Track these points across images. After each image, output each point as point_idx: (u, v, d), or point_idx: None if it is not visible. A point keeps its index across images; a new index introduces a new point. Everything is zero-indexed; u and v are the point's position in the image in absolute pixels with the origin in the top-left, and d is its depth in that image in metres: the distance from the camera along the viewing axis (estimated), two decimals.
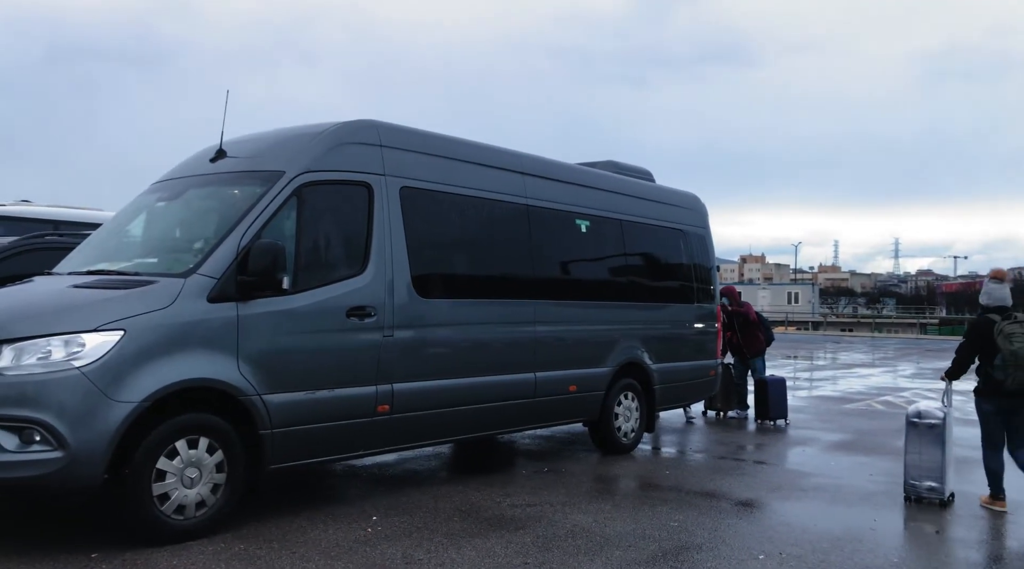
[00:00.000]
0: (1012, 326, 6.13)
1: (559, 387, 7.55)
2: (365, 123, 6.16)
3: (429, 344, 6.27)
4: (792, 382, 16.03)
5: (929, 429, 6.57)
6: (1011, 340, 6.07)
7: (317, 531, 5.16)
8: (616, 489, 6.91)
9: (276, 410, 5.18)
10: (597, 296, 8.21)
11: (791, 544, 5.27)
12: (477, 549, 4.91)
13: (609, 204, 8.50)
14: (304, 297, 5.42)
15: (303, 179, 5.57)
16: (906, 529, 5.94)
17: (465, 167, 6.88)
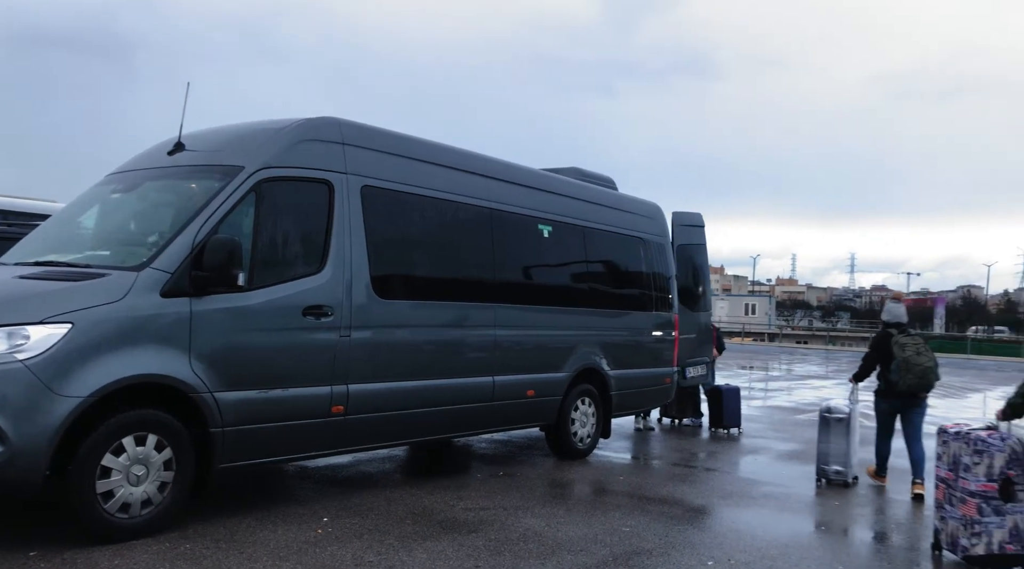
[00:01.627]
0: (905, 338, 7.49)
1: (517, 391, 7.56)
2: (328, 120, 6.11)
3: (387, 345, 6.23)
4: (747, 392, 16.25)
5: (837, 422, 7.78)
6: (903, 349, 7.38)
7: (266, 531, 5.09)
8: (570, 494, 6.93)
9: (228, 408, 5.10)
10: (557, 301, 8.24)
11: (740, 550, 5.34)
12: (428, 552, 4.88)
13: (572, 210, 8.55)
14: (260, 294, 5.35)
15: (262, 175, 5.51)
16: (853, 538, 6.05)
17: (429, 168, 6.86)
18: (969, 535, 5.22)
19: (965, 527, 5.25)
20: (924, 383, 7.35)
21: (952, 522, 5.39)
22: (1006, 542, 5.14)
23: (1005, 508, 5.16)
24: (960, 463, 5.35)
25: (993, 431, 5.36)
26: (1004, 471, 5.16)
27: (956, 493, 5.37)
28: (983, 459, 5.20)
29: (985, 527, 5.17)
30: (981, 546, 5.17)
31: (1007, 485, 5.14)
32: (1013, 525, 5.15)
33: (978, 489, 5.20)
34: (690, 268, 11.36)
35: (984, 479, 5.19)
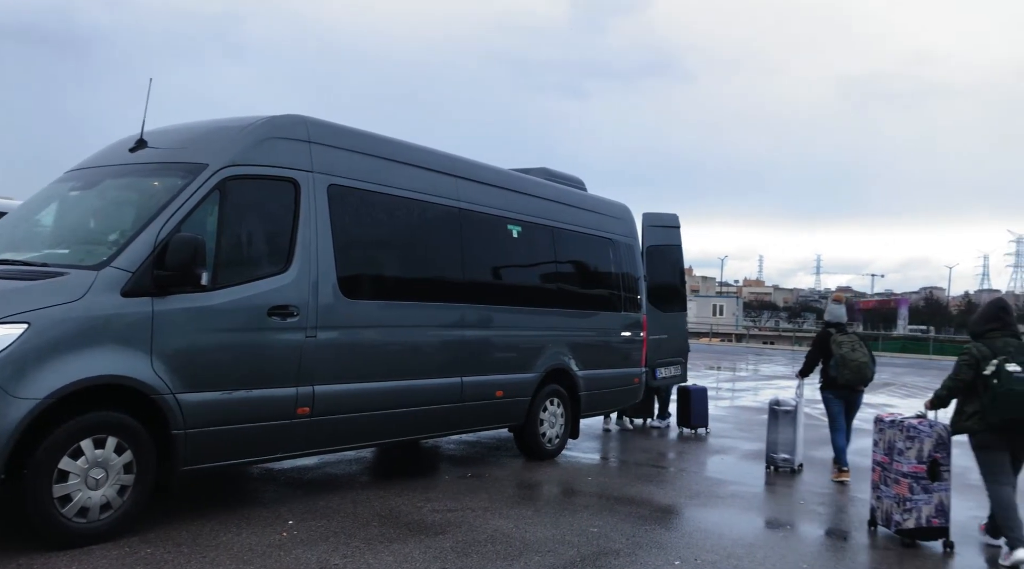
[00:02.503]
0: (842, 337, 8.11)
1: (486, 392, 7.53)
2: (294, 118, 6.04)
3: (353, 346, 6.17)
4: (714, 392, 16.40)
5: (785, 414, 8.47)
6: (841, 346, 7.99)
7: (230, 535, 5.01)
8: (538, 495, 6.92)
9: (190, 410, 5.01)
10: (526, 302, 8.23)
11: (706, 550, 5.37)
12: (395, 554, 4.84)
13: (541, 211, 8.54)
14: (224, 294, 5.26)
15: (227, 173, 5.42)
16: (816, 536, 6.11)
17: (396, 167, 6.81)
18: (901, 511, 5.80)
19: (898, 504, 5.82)
20: (860, 377, 7.95)
21: (887, 501, 5.97)
22: (932, 516, 5.76)
23: (932, 486, 5.75)
24: (894, 448, 5.91)
25: (923, 419, 5.91)
26: (932, 454, 5.76)
27: (891, 475, 5.93)
28: (914, 444, 5.78)
29: (915, 504, 5.74)
30: (911, 520, 5.76)
31: (934, 466, 5.76)
32: (938, 501, 5.76)
33: (910, 470, 5.76)
34: (664, 268, 11.41)
35: (915, 461, 5.77)
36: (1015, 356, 5.52)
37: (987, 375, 5.51)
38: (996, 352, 5.58)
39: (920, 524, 5.75)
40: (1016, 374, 5.40)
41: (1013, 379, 5.39)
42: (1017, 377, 5.40)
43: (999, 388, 5.41)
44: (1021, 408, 5.39)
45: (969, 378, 5.68)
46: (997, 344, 5.66)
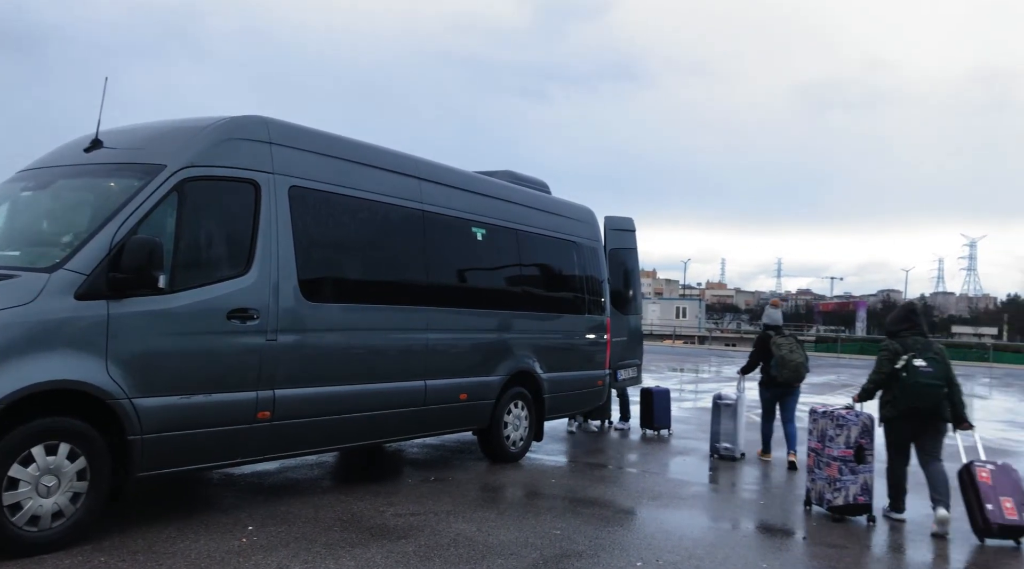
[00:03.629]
0: (780, 339, 9.00)
1: (450, 395, 7.51)
2: (254, 119, 5.96)
3: (315, 349, 6.11)
4: (677, 393, 16.54)
5: (727, 407, 9.30)
6: (780, 348, 8.86)
7: (187, 541, 4.92)
8: (502, 498, 6.92)
9: (147, 414, 4.92)
10: (490, 304, 8.23)
11: (668, 551, 5.41)
12: (356, 559, 4.80)
13: (505, 213, 8.55)
14: (182, 297, 5.17)
15: (185, 174, 5.34)
16: (776, 535, 6.20)
17: (359, 169, 6.76)
18: (832, 490, 6.53)
19: (829, 485, 6.56)
20: (797, 375, 8.84)
21: (820, 482, 6.71)
22: (858, 494, 6.52)
23: (858, 469, 6.51)
24: (826, 435, 6.65)
25: (850, 410, 6.67)
26: (858, 440, 6.52)
27: (823, 459, 6.68)
28: (843, 431, 6.53)
29: (844, 484, 6.49)
30: (840, 498, 6.49)
31: (860, 451, 6.51)
32: (863, 481, 6.52)
33: (839, 454, 6.52)
34: (621, 271, 11.52)
35: (844, 447, 6.51)
36: (921, 352, 6.41)
37: (898, 369, 6.39)
38: (907, 349, 6.46)
39: (848, 501, 6.48)
40: (922, 368, 6.31)
41: (919, 372, 6.30)
42: (922, 371, 6.30)
43: (907, 379, 6.31)
44: (924, 397, 6.31)
45: (889, 370, 6.47)
46: (908, 342, 6.52)
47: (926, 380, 6.27)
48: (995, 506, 5.98)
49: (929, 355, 6.42)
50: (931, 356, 6.41)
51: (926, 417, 6.41)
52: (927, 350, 6.46)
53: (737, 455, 9.22)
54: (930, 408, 6.36)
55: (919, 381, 6.27)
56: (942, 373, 6.37)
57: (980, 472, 6.20)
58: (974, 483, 6.16)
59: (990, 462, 6.38)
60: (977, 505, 6.08)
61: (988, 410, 18.55)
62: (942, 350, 6.60)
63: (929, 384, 6.30)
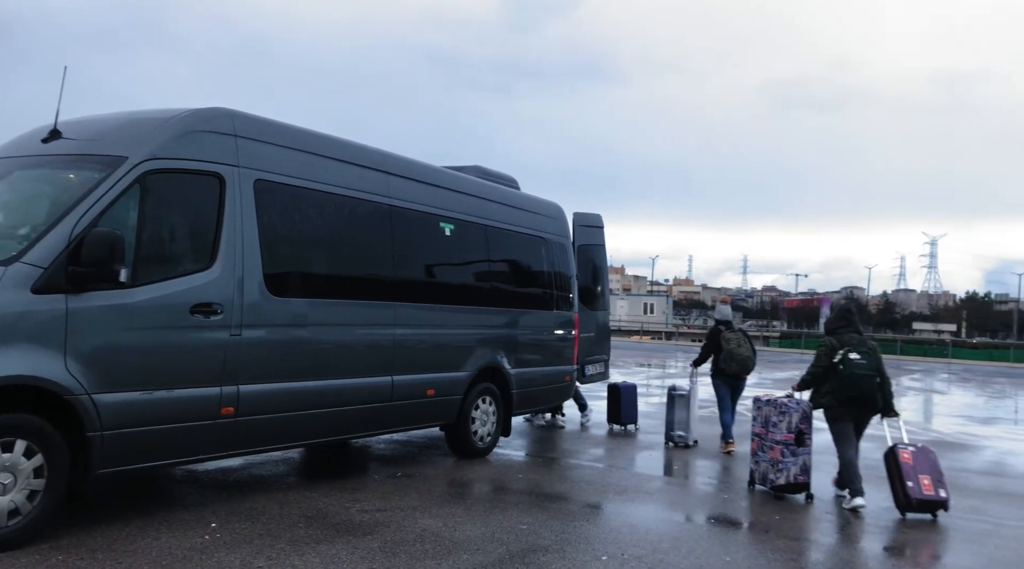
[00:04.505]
0: (730, 334, 9.61)
1: (417, 391, 7.49)
2: (219, 111, 5.88)
3: (280, 345, 6.05)
4: (644, 389, 16.66)
5: (680, 398, 9.91)
6: (729, 342, 9.45)
7: (148, 539, 4.85)
8: (469, 493, 6.92)
9: (107, 411, 4.83)
10: (458, 300, 8.21)
11: (633, 545, 5.45)
12: (321, 555, 4.77)
13: (474, 209, 8.53)
14: (144, 291, 5.09)
15: (148, 166, 5.24)
16: (739, 529, 6.28)
17: (326, 163, 6.70)
18: (775, 471, 7.16)
19: (772, 466, 7.19)
20: (744, 368, 9.49)
21: (763, 464, 7.34)
22: (798, 474, 7.12)
23: (798, 451, 7.12)
24: (769, 421, 7.28)
25: (791, 398, 7.29)
26: (798, 425, 7.11)
27: (767, 443, 7.29)
28: (785, 418, 7.15)
29: (785, 465, 7.10)
30: (783, 478, 7.11)
31: (800, 435, 7.11)
32: (803, 463, 7.13)
33: (781, 439, 7.14)
34: (589, 268, 11.57)
35: (785, 431, 7.12)
36: (856, 347, 7.02)
37: (836, 362, 6.99)
38: (843, 344, 7.07)
39: (789, 481, 7.10)
40: (857, 361, 6.93)
41: (855, 365, 6.92)
42: (858, 363, 6.93)
43: (845, 372, 6.93)
44: (860, 387, 6.94)
45: (827, 364, 7.08)
46: (844, 338, 7.14)
47: (861, 372, 6.92)
48: (915, 483, 6.66)
49: (863, 350, 7.03)
50: (865, 351, 7.03)
51: (861, 405, 7.04)
52: (861, 345, 7.07)
53: (690, 442, 9.76)
54: (865, 396, 6.99)
55: (855, 373, 6.91)
56: (874, 366, 7.00)
57: (903, 454, 6.85)
58: (897, 463, 6.80)
59: (911, 445, 7.04)
60: (900, 482, 6.73)
61: (947, 405, 18.98)
62: (874, 346, 7.21)
63: (863, 375, 6.94)
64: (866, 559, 5.60)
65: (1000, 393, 23.25)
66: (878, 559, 5.64)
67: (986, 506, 7.39)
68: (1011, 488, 8.36)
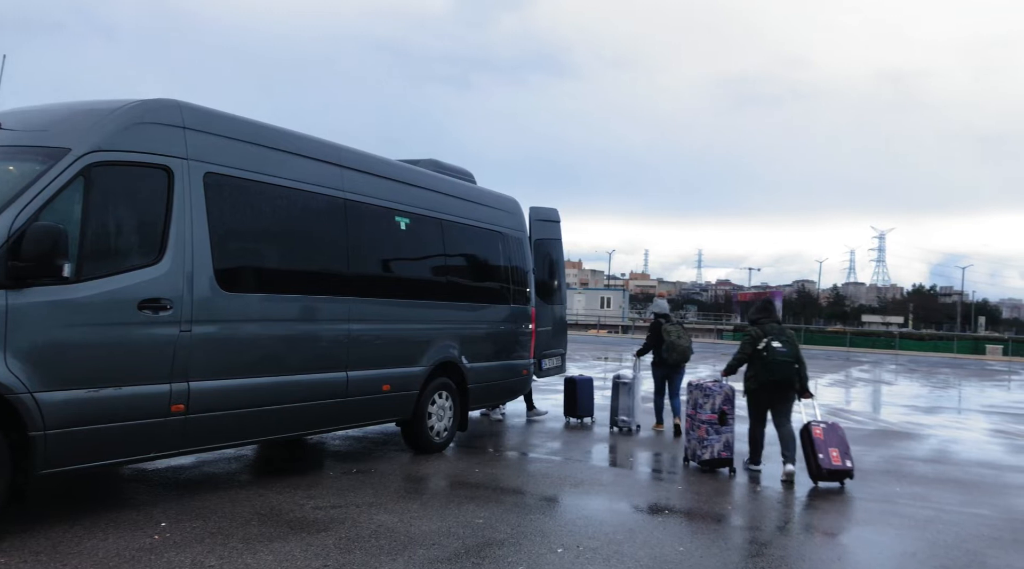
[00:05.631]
0: (670, 326, 10.52)
1: (372, 386, 7.44)
2: (167, 103, 5.75)
3: (232, 340, 5.96)
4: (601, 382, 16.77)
5: (624, 386, 10.62)
6: (669, 334, 10.35)
7: (95, 540, 4.74)
8: (425, 488, 6.90)
9: (51, 409, 4.71)
10: (414, 295, 8.17)
11: (588, 537, 5.49)
12: (275, 553, 4.72)
13: (430, 203, 8.49)
14: (89, 287, 4.96)
15: (92, 158, 5.11)
16: (691, 518, 6.37)
17: (278, 156, 6.60)
18: (701, 448, 7.96)
19: (699, 443, 7.99)
20: (684, 357, 10.39)
21: (693, 441, 8.14)
22: (722, 450, 7.91)
23: (722, 430, 7.89)
24: (697, 403, 8.06)
25: (716, 382, 8.11)
26: (721, 407, 7.90)
27: (695, 422, 8.07)
28: (709, 399, 7.95)
29: (710, 442, 7.90)
30: (708, 454, 7.92)
31: (723, 415, 7.89)
32: (725, 440, 7.91)
33: (707, 419, 7.91)
34: (546, 262, 11.61)
35: (710, 412, 7.89)
36: (777, 336, 7.88)
37: (759, 349, 7.82)
38: (766, 333, 7.90)
39: (714, 456, 7.89)
40: (777, 348, 7.77)
41: (776, 351, 7.76)
42: (778, 350, 7.76)
43: (767, 358, 7.76)
44: (779, 372, 7.76)
45: (750, 351, 7.93)
46: (766, 328, 7.98)
47: (781, 358, 7.76)
48: (825, 455, 7.50)
49: (783, 338, 7.89)
50: (784, 339, 7.89)
51: (782, 387, 7.86)
52: (781, 334, 7.95)
53: (633, 427, 10.46)
54: (784, 379, 7.80)
55: (776, 359, 7.75)
56: (793, 352, 7.85)
57: (815, 430, 7.71)
58: (811, 438, 7.64)
59: (823, 422, 7.89)
60: (812, 455, 7.57)
61: (894, 395, 19.48)
62: (792, 335, 8.11)
63: (784, 361, 7.77)
64: (811, 543, 5.73)
65: (944, 383, 23.95)
66: (821, 543, 5.77)
67: (929, 493, 7.61)
68: (953, 475, 8.63)
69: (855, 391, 20.10)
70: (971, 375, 28.31)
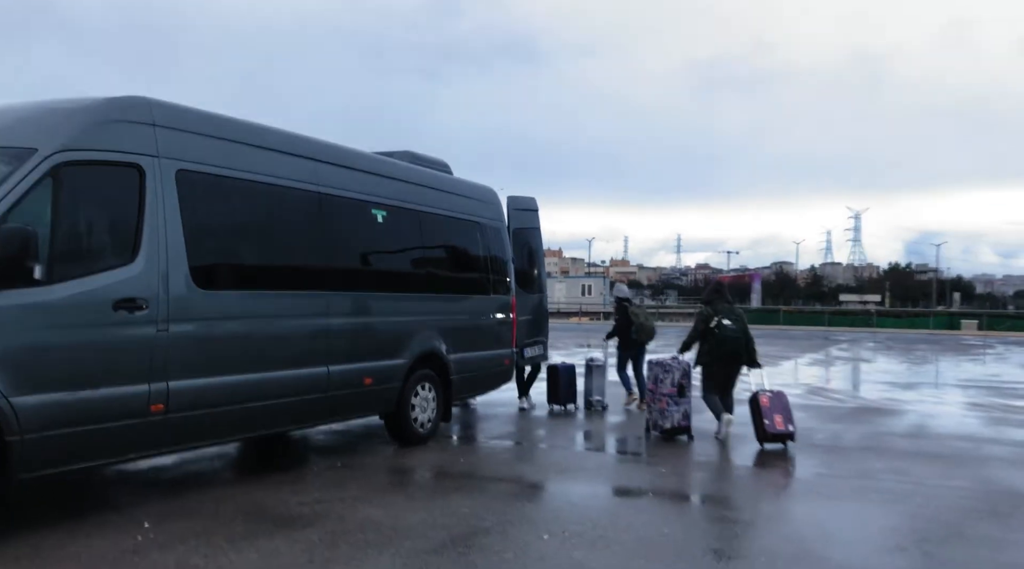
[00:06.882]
0: (636, 308, 11.48)
1: (354, 380, 7.41)
2: (136, 100, 5.67)
3: (210, 339, 5.91)
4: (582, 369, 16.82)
5: (597, 368, 11.25)
6: (638, 317, 11.20)
7: (78, 544, 4.70)
8: (410, 480, 6.91)
9: (27, 413, 4.65)
10: (394, 287, 8.15)
11: (574, 522, 5.52)
12: (260, 550, 4.70)
13: (406, 195, 8.45)
14: (62, 289, 4.90)
15: (60, 158, 5.03)
16: (673, 501, 6.43)
17: (251, 151, 6.53)
18: (663, 419, 8.75)
19: (661, 415, 8.77)
20: (651, 336, 11.29)
21: (655, 413, 8.88)
22: (681, 420, 8.70)
23: (680, 401, 8.69)
24: (658, 378, 8.83)
25: (675, 359, 8.89)
26: (680, 380, 8.72)
27: (656, 396, 8.83)
28: (669, 375, 8.75)
29: (670, 413, 8.69)
30: (668, 423, 8.70)
31: (681, 388, 8.71)
32: (684, 411, 8.72)
33: (667, 392, 8.72)
34: (525, 251, 11.60)
35: (670, 386, 8.69)
36: (727, 314, 8.71)
37: (712, 327, 8.62)
38: (717, 312, 8.69)
39: (674, 425, 8.67)
40: (728, 325, 8.62)
41: (727, 328, 8.61)
42: (729, 327, 8.61)
43: (719, 334, 8.59)
44: (732, 346, 8.63)
45: (703, 329, 8.70)
46: (717, 307, 8.76)
47: (732, 334, 8.62)
48: (770, 421, 8.23)
49: (733, 316, 8.71)
50: (734, 317, 8.72)
51: (732, 360, 8.70)
52: (731, 313, 8.78)
53: (605, 405, 11.16)
54: (735, 353, 8.67)
55: (727, 335, 8.60)
56: (742, 328, 8.71)
57: (762, 398, 8.38)
58: (758, 405, 8.33)
59: (769, 391, 8.52)
60: (759, 420, 8.29)
61: (873, 372, 19.71)
62: (742, 313, 9.02)
63: (734, 337, 8.63)
64: (794, 521, 5.80)
65: (921, 359, 24.28)
66: (803, 520, 5.84)
67: (908, 467, 7.72)
68: (932, 449, 8.76)
69: (834, 370, 20.33)
70: (947, 350, 28.72)
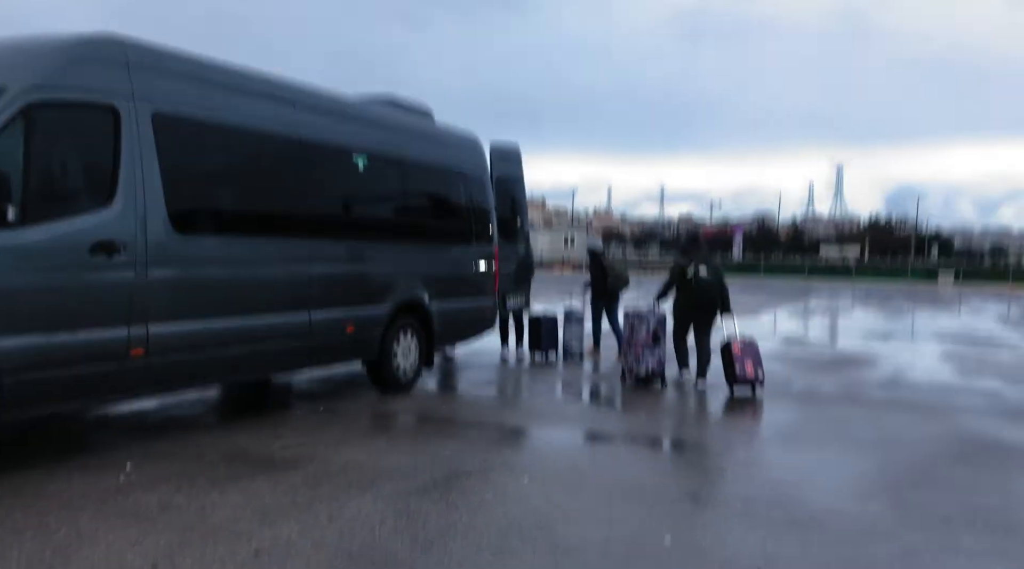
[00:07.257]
0: (611, 261, 11.95)
1: (336, 327, 7.41)
2: (110, 38, 5.52)
3: (190, 283, 5.87)
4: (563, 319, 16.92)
5: (576, 317, 11.57)
6: (614, 268, 11.64)
7: (59, 484, 4.73)
8: (392, 425, 6.97)
9: (5, 355, 4.62)
10: (375, 235, 8.10)
11: (553, 466, 5.61)
12: (242, 491, 4.75)
13: (388, 141, 8.34)
14: (36, 231, 4.83)
15: (31, 97, 4.90)
16: (650, 443, 6.54)
17: (230, 94, 6.40)
18: (638, 366, 9.13)
19: (637, 361, 9.15)
20: (625, 285, 11.62)
21: (630, 360, 9.25)
22: (654, 367, 9.11)
23: (655, 349, 9.10)
24: (634, 328, 9.20)
25: (650, 309, 9.32)
26: (654, 329, 9.11)
27: (632, 344, 9.20)
28: (643, 323, 9.16)
29: (645, 360, 9.11)
30: (643, 370, 9.12)
31: (655, 336, 9.12)
32: (658, 358, 9.13)
33: (642, 340, 9.11)
34: (508, 200, 11.51)
35: (644, 334, 9.09)
36: (703, 264, 8.99)
37: (688, 278, 8.96)
38: (692, 261, 9.01)
39: (648, 372, 9.10)
40: (703, 275, 8.94)
41: (701, 278, 8.95)
42: (703, 277, 8.95)
43: (695, 283, 8.94)
44: (707, 295, 8.98)
45: (676, 278, 9.09)
46: (694, 256, 9.11)
47: (706, 283, 8.96)
48: (741, 367, 8.68)
49: (709, 267, 9.04)
50: (710, 267, 9.06)
51: (706, 308, 9.02)
52: (707, 263, 9.09)
53: (582, 352, 11.48)
54: (710, 301, 8.99)
55: (701, 284, 8.95)
56: (716, 278, 9.04)
57: (735, 346, 8.79)
58: (730, 352, 8.74)
59: (741, 340, 8.89)
60: (730, 365, 8.71)
61: (851, 323, 19.98)
62: (717, 263, 9.39)
63: (708, 286, 8.97)
64: (770, 467, 5.93)
65: (898, 310, 24.61)
66: (780, 466, 5.97)
67: (883, 415, 7.88)
68: (906, 398, 8.93)
69: (813, 321, 20.57)
70: (924, 303, 29.11)
